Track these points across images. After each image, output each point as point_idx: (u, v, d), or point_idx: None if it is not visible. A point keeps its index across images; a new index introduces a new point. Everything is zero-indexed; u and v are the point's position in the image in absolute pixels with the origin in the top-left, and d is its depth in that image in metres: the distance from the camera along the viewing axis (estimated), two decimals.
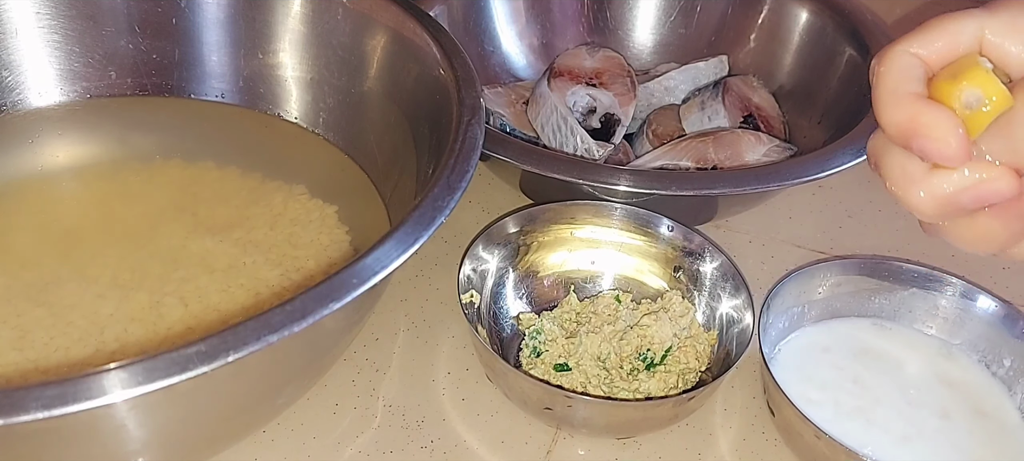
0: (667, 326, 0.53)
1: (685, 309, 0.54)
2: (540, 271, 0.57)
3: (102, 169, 0.61)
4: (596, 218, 0.57)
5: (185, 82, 0.65)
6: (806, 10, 0.72)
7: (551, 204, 0.56)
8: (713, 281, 0.55)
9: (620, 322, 0.54)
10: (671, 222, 0.56)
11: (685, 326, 0.54)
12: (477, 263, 0.54)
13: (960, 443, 0.50)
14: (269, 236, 0.56)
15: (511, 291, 0.56)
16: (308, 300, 0.38)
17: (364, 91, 0.61)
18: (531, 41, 0.75)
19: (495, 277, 0.55)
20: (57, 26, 0.63)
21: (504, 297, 0.56)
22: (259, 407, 0.46)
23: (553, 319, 0.54)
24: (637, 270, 0.57)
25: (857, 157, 0.57)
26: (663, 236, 0.56)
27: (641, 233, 0.57)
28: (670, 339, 0.52)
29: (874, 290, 0.55)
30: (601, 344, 0.52)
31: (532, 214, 0.56)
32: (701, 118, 0.67)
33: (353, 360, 0.54)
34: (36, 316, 0.50)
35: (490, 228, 0.55)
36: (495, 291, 0.55)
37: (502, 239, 0.55)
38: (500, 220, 0.55)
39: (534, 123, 0.65)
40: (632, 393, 0.50)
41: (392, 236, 0.42)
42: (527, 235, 0.56)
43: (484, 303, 0.54)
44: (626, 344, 0.52)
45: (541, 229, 0.56)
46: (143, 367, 0.34)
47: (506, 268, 0.56)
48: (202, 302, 0.52)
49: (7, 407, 0.33)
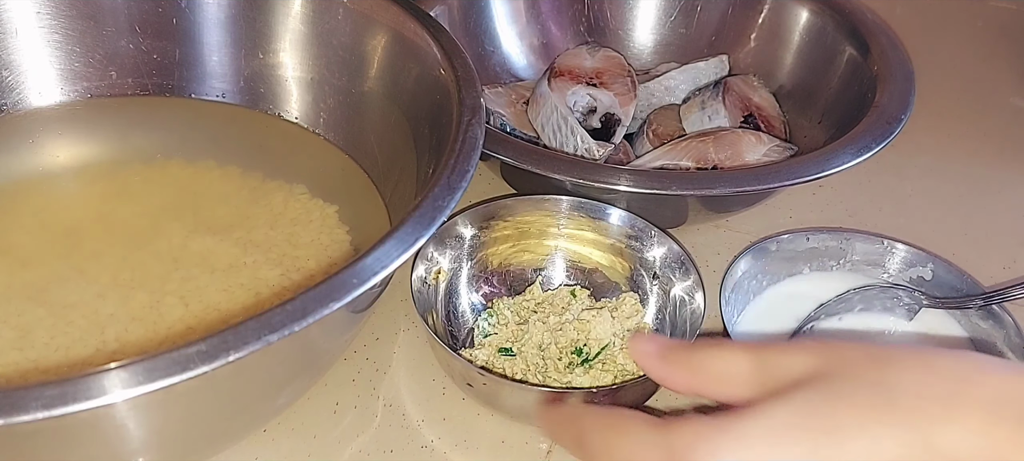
0: (607, 324, 0.53)
1: (634, 310, 0.54)
2: (513, 260, 0.58)
3: (102, 169, 0.61)
4: (566, 212, 0.57)
5: (186, 82, 0.65)
6: (806, 10, 0.72)
7: (526, 198, 0.57)
8: (665, 272, 0.55)
9: (567, 314, 0.54)
10: (623, 212, 0.56)
11: (631, 327, 0.53)
12: (452, 242, 0.55)
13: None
14: (269, 236, 0.56)
15: (476, 277, 0.57)
16: (308, 300, 0.38)
17: (364, 91, 0.61)
18: (531, 41, 0.75)
19: (466, 260, 0.56)
20: (57, 26, 0.63)
21: (475, 281, 0.57)
22: (259, 407, 0.46)
23: (512, 305, 0.55)
24: (609, 267, 0.58)
25: (857, 157, 0.57)
26: (615, 228, 0.57)
27: (602, 227, 0.57)
28: (609, 337, 0.52)
29: (824, 251, 0.57)
30: (544, 333, 0.52)
31: (505, 206, 0.57)
32: (701, 118, 0.67)
33: (353, 360, 0.54)
34: (36, 316, 0.50)
35: (475, 209, 0.56)
36: (468, 276, 0.56)
37: (478, 223, 0.56)
38: (474, 208, 0.56)
39: (534, 123, 0.65)
40: (562, 384, 0.50)
41: (392, 236, 0.42)
42: (505, 225, 0.57)
43: (452, 285, 0.55)
44: (562, 336, 0.52)
45: (524, 219, 0.57)
46: (143, 367, 0.34)
47: (473, 256, 0.56)
48: (202, 302, 0.52)
49: (7, 407, 0.33)
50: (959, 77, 0.84)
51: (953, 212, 0.68)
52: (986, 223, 0.67)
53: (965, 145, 0.76)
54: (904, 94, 0.62)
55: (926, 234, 0.63)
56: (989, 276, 0.60)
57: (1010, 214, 0.69)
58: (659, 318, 0.55)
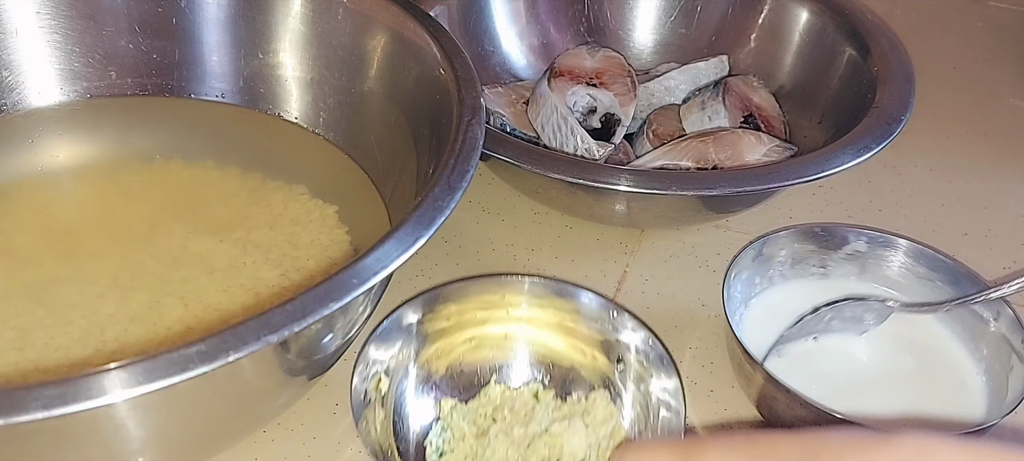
0: (581, 435, 0.46)
1: (609, 414, 0.48)
2: (466, 356, 0.50)
3: (102, 169, 0.61)
4: (528, 295, 0.50)
5: (185, 82, 0.65)
6: (806, 10, 0.72)
7: (475, 279, 0.51)
8: (641, 362, 0.48)
9: (534, 424, 0.47)
10: (592, 295, 0.50)
11: (606, 434, 0.47)
12: (395, 338, 0.48)
13: (911, 390, 0.52)
14: (269, 236, 0.56)
15: (424, 378, 0.49)
16: (308, 300, 0.38)
17: (364, 91, 0.61)
18: (531, 41, 0.75)
19: (412, 360, 0.49)
20: (57, 26, 0.63)
21: (423, 383, 0.49)
22: (259, 407, 0.46)
23: (466, 413, 0.48)
24: (570, 352, 0.51)
25: (857, 157, 0.57)
26: (587, 312, 0.50)
27: (568, 309, 0.50)
28: (584, 450, 0.46)
29: (826, 252, 0.57)
30: (508, 449, 0.46)
31: (446, 293, 0.50)
32: (701, 118, 0.67)
33: (353, 360, 0.54)
34: (36, 316, 0.50)
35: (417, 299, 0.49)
36: (415, 378, 0.49)
37: (423, 312, 0.49)
38: (425, 294, 0.49)
39: (534, 123, 0.65)
40: None
41: (392, 236, 0.42)
42: (443, 316, 0.50)
43: (399, 389, 0.48)
44: (533, 453, 0.45)
45: (465, 307, 0.50)
46: (143, 367, 0.34)
47: (418, 350, 0.49)
48: (202, 302, 0.52)
49: (7, 407, 0.33)
50: (959, 77, 0.84)
51: (953, 213, 0.68)
52: (986, 223, 0.67)
53: (965, 146, 0.76)
54: (904, 95, 0.62)
55: (926, 234, 0.63)
56: (989, 276, 0.60)
57: (1010, 214, 0.69)
58: (635, 416, 0.48)
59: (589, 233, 0.64)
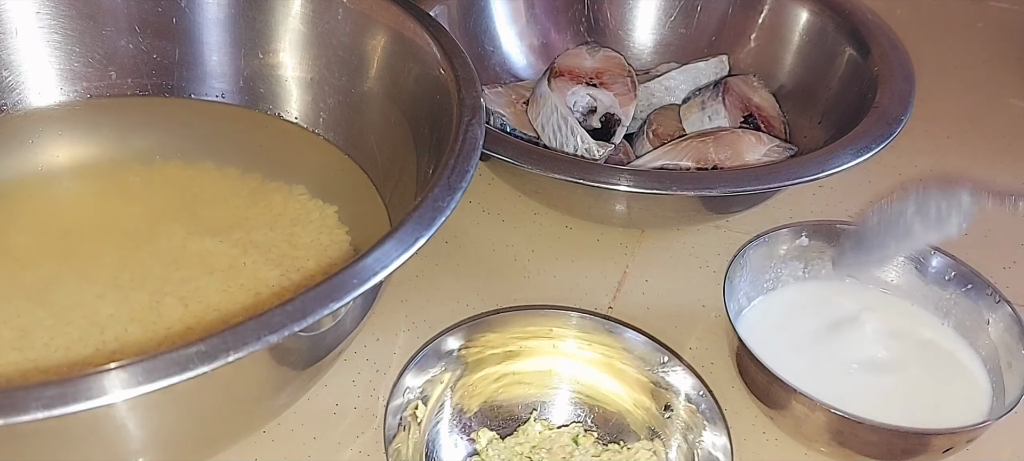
0: None
1: None
2: (504, 391, 0.49)
3: (102, 169, 0.61)
4: (575, 330, 0.49)
5: (185, 82, 0.65)
6: (806, 10, 0.72)
7: (528, 310, 0.50)
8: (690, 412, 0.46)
9: None
10: (640, 336, 0.48)
11: None
12: (429, 371, 0.47)
13: (912, 390, 0.52)
14: (269, 236, 0.56)
15: (460, 412, 0.48)
16: (308, 300, 0.38)
17: (364, 91, 0.61)
18: (531, 41, 0.75)
19: (449, 392, 0.48)
20: (57, 26, 0.63)
21: (459, 416, 0.48)
22: (259, 407, 0.46)
23: (502, 450, 0.46)
24: (615, 394, 0.49)
25: (857, 157, 0.57)
26: (636, 351, 0.48)
27: (617, 346, 0.48)
28: None
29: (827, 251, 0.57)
30: None
31: (489, 323, 0.49)
32: (701, 118, 0.67)
33: (353, 360, 0.54)
34: (36, 316, 0.50)
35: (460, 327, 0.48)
36: (451, 411, 0.48)
37: (465, 342, 0.48)
38: (481, 318, 0.49)
39: (534, 123, 0.65)
40: None
41: (392, 236, 0.42)
42: (485, 346, 0.49)
43: (435, 417, 0.47)
44: None
45: (508, 338, 0.49)
46: (143, 367, 0.34)
47: (458, 379, 0.48)
48: (202, 302, 0.52)
49: (7, 407, 0.33)
50: (959, 77, 0.84)
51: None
52: (986, 223, 0.67)
53: (965, 146, 0.76)
54: (904, 95, 0.62)
55: None
56: (989, 276, 0.60)
57: (1010, 214, 0.69)
58: None
59: (589, 233, 0.64)
